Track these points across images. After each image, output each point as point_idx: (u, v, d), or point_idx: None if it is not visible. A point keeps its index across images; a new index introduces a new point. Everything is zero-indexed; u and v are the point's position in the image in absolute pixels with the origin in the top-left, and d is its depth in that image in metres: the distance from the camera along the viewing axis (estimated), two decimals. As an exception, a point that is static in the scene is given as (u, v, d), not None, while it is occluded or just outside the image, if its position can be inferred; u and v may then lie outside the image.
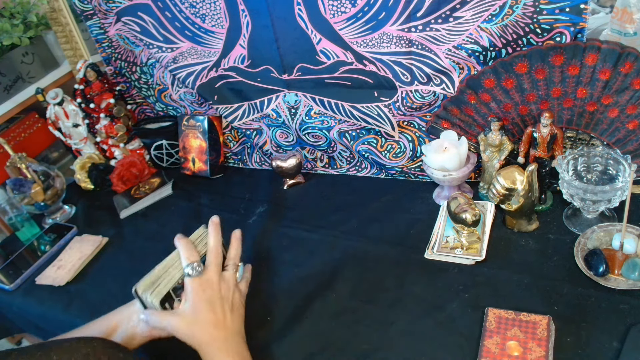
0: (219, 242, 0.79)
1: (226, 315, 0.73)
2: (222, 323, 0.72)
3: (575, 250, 0.81)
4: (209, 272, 0.75)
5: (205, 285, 0.74)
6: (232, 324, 0.74)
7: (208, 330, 0.71)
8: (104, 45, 1.27)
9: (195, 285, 0.73)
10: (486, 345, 0.70)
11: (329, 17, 0.93)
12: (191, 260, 0.75)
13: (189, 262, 0.74)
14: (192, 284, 0.73)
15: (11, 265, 1.12)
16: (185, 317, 0.71)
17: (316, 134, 1.14)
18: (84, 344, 0.63)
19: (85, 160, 1.33)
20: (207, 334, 0.71)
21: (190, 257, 0.75)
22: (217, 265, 0.77)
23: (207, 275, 0.75)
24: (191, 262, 0.74)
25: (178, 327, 0.71)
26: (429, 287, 0.84)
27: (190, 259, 0.75)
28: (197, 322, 0.71)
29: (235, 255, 0.81)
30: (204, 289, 0.73)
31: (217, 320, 0.72)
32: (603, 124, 0.86)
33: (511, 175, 0.83)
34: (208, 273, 0.75)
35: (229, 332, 0.72)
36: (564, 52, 0.81)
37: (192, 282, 0.73)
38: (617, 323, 0.70)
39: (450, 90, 0.94)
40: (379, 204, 1.06)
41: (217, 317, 0.72)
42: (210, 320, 0.72)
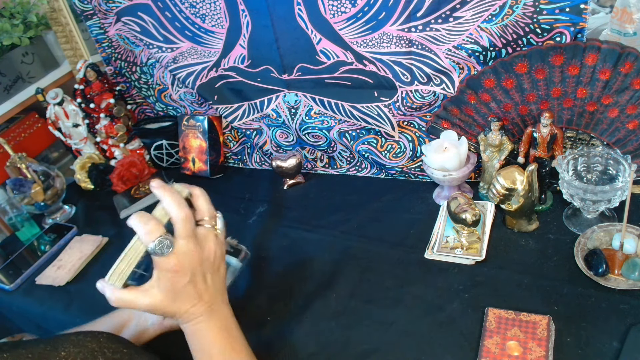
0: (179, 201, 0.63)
1: (207, 284, 0.65)
2: (204, 294, 0.65)
3: (575, 250, 0.81)
4: (182, 242, 0.62)
5: (180, 259, 0.62)
6: (214, 289, 0.66)
7: (187, 307, 0.64)
8: (104, 45, 1.27)
9: (169, 263, 0.61)
10: (486, 345, 0.70)
11: (329, 17, 0.93)
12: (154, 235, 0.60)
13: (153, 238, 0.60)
14: (165, 262, 0.61)
15: (11, 265, 1.12)
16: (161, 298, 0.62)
17: (316, 134, 1.14)
18: (91, 339, 0.63)
19: (85, 160, 1.33)
20: (187, 313, 0.64)
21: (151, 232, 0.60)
22: (187, 230, 0.62)
23: (181, 247, 0.62)
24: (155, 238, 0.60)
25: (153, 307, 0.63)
26: (429, 287, 0.84)
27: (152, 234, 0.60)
28: (175, 301, 0.63)
29: (207, 207, 0.67)
30: (181, 265, 0.62)
31: (198, 294, 0.64)
32: (603, 124, 0.86)
33: (511, 175, 0.83)
34: (180, 244, 0.62)
35: (211, 301, 0.66)
36: (564, 52, 0.81)
37: (164, 261, 0.61)
38: (617, 323, 0.70)
39: (450, 90, 0.94)
40: (379, 204, 1.06)
41: (198, 289, 0.64)
42: (190, 295, 0.63)
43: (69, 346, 0.60)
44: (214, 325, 0.66)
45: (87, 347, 0.61)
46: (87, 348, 0.61)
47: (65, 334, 0.64)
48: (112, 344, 0.64)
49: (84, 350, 0.60)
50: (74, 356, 0.60)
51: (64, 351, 0.59)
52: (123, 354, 0.63)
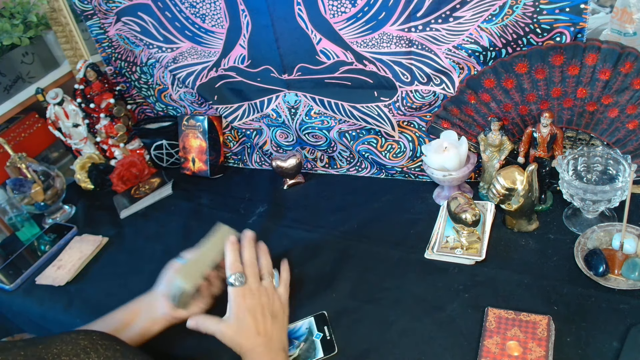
0: (253, 254, 0.82)
1: (267, 322, 0.76)
2: (262, 329, 0.75)
3: (575, 250, 0.81)
4: (249, 281, 0.78)
5: (246, 293, 0.77)
6: (273, 330, 0.76)
7: (250, 337, 0.74)
8: (104, 45, 1.27)
9: (238, 294, 0.76)
10: (486, 345, 0.70)
11: (329, 17, 0.93)
12: (235, 270, 0.78)
13: (233, 272, 0.78)
14: (235, 293, 0.77)
15: (11, 265, 1.12)
16: (230, 326, 0.75)
17: (316, 134, 1.14)
18: (84, 336, 0.65)
19: (85, 160, 1.33)
20: (249, 341, 0.73)
21: (234, 268, 0.78)
22: (254, 275, 0.80)
23: (248, 285, 0.78)
24: (234, 272, 0.78)
25: (223, 334, 0.74)
26: (429, 287, 0.84)
27: (234, 270, 0.78)
28: (240, 330, 0.74)
29: (266, 264, 0.83)
30: (245, 298, 0.76)
31: (257, 327, 0.74)
32: (603, 124, 0.86)
33: (511, 175, 0.83)
34: (248, 282, 0.78)
35: (268, 339, 0.75)
36: (564, 52, 0.81)
37: (235, 291, 0.77)
38: (617, 323, 0.70)
39: (450, 90, 0.94)
40: (379, 204, 1.06)
41: (257, 324, 0.75)
42: (251, 327, 0.74)
43: (62, 344, 0.62)
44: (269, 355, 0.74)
45: (80, 344, 0.63)
46: (80, 345, 0.63)
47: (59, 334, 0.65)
48: (105, 341, 0.66)
49: (77, 347, 0.63)
50: (66, 352, 0.61)
51: (56, 348, 0.61)
52: (116, 350, 0.65)
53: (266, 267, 0.83)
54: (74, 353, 0.62)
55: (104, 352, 0.63)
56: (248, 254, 0.82)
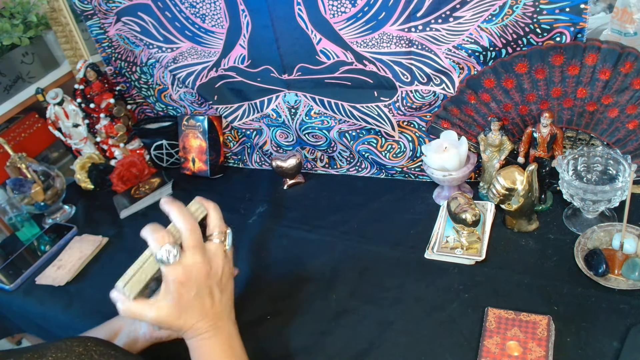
0: (186, 214, 0.65)
1: (214, 300, 0.66)
2: (210, 310, 0.65)
3: (575, 250, 0.81)
4: (188, 253, 0.63)
5: (187, 270, 0.63)
6: (221, 305, 0.67)
7: (193, 322, 0.64)
8: (104, 45, 1.27)
9: (175, 273, 0.62)
10: (486, 345, 0.70)
11: (329, 17, 0.93)
12: (162, 242, 0.62)
13: (160, 245, 0.61)
14: (171, 272, 0.62)
15: (11, 265, 1.12)
16: (168, 312, 0.63)
17: (316, 134, 1.14)
18: (78, 343, 0.63)
19: (85, 160, 1.33)
20: (192, 328, 0.64)
21: (159, 239, 0.62)
22: (196, 241, 0.64)
23: (187, 259, 0.63)
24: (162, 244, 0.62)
25: (160, 321, 0.63)
26: (429, 287, 0.84)
27: (160, 241, 0.62)
28: (181, 315, 0.63)
29: (217, 222, 0.68)
30: (188, 276, 0.63)
31: (204, 309, 0.65)
32: (603, 124, 0.86)
33: (511, 175, 0.83)
34: (187, 255, 0.63)
35: (217, 318, 0.66)
36: (564, 52, 0.81)
37: (171, 270, 0.62)
38: (617, 323, 0.70)
39: (450, 90, 0.94)
40: (379, 204, 1.06)
41: (204, 305, 0.64)
42: (196, 311, 0.64)
43: (56, 351, 0.60)
44: (218, 341, 0.66)
45: (75, 351, 0.61)
46: (75, 352, 0.61)
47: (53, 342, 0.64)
48: (100, 347, 0.63)
49: (71, 354, 0.60)
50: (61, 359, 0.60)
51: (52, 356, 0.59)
52: (110, 356, 0.63)
53: (216, 225, 0.68)
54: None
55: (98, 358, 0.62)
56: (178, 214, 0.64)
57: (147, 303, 0.64)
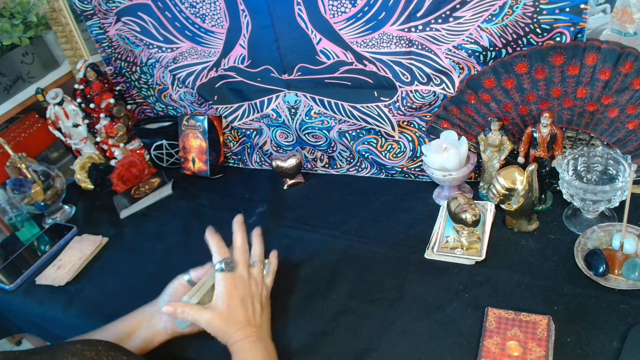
0: (244, 239, 0.80)
1: (256, 312, 0.74)
2: (252, 319, 0.73)
3: (575, 250, 0.81)
4: (240, 268, 0.76)
5: (237, 281, 0.74)
6: (262, 320, 0.75)
7: (240, 326, 0.72)
8: (104, 45, 1.27)
9: (228, 281, 0.74)
10: (486, 345, 0.70)
11: (329, 17, 0.93)
12: (224, 256, 0.75)
13: (222, 257, 0.75)
14: (225, 279, 0.74)
15: (11, 265, 1.12)
16: (219, 313, 0.72)
17: (316, 134, 1.14)
18: (89, 347, 0.63)
19: (85, 160, 1.33)
20: (239, 331, 0.71)
21: (222, 253, 0.76)
22: (245, 262, 0.77)
23: (239, 272, 0.76)
24: (224, 257, 0.75)
25: (211, 322, 0.72)
26: (429, 287, 0.84)
27: (222, 255, 0.76)
28: (230, 318, 0.72)
29: (260, 252, 0.82)
30: (237, 285, 0.74)
31: (248, 317, 0.73)
32: (603, 124, 0.86)
33: (511, 175, 0.83)
34: (239, 269, 0.76)
35: (259, 329, 0.73)
36: (564, 52, 0.81)
37: (225, 277, 0.74)
38: (617, 323, 0.70)
39: (450, 90, 0.94)
40: (379, 204, 1.06)
41: (248, 314, 0.73)
42: (242, 316, 0.72)
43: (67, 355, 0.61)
44: (260, 346, 0.72)
45: (86, 355, 0.61)
46: (86, 357, 0.61)
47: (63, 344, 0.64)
48: (111, 351, 0.65)
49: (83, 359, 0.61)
50: None
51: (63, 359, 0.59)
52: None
53: (258, 255, 0.81)
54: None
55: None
56: (240, 238, 0.79)
57: (202, 307, 0.74)
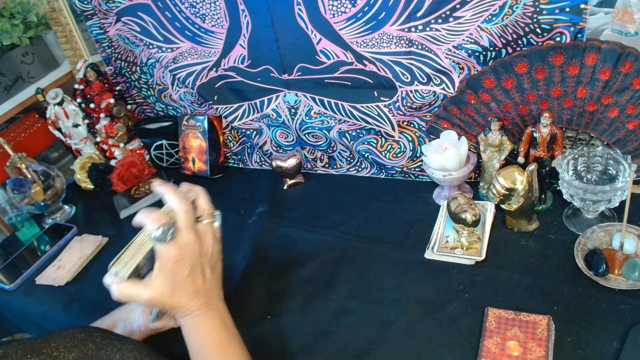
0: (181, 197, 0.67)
1: (206, 278, 0.68)
2: (202, 289, 0.67)
3: (575, 250, 0.81)
4: (183, 232, 0.65)
5: (182, 249, 0.65)
6: (212, 284, 0.69)
7: (188, 299, 0.66)
8: (104, 45, 1.27)
9: (170, 251, 0.64)
10: (486, 345, 0.70)
11: (329, 17, 0.93)
12: (159, 222, 0.63)
13: (157, 224, 0.63)
14: (167, 251, 0.64)
15: (11, 265, 1.12)
16: (163, 291, 0.64)
17: (316, 134, 1.14)
18: (80, 331, 0.65)
19: (85, 160, 1.33)
20: (185, 307, 0.66)
21: (156, 219, 0.63)
22: (190, 222, 0.66)
23: (183, 238, 0.65)
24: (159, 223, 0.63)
25: (154, 301, 0.64)
26: (429, 287, 0.84)
27: (157, 221, 0.63)
28: (174, 294, 0.65)
29: (206, 204, 0.71)
30: (182, 255, 0.64)
31: (196, 288, 0.66)
32: (603, 124, 0.86)
33: (511, 175, 0.83)
34: (182, 234, 0.65)
35: (209, 296, 0.68)
36: (564, 52, 0.81)
37: (167, 249, 0.64)
38: (617, 323, 0.70)
39: (450, 90, 0.94)
40: (379, 204, 1.06)
41: (196, 283, 0.66)
42: (189, 289, 0.66)
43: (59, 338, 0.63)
44: (212, 318, 0.68)
45: (77, 336, 0.64)
46: (77, 337, 0.63)
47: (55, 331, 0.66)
48: (100, 332, 0.67)
49: (74, 339, 0.63)
50: (64, 345, 0.62)
51: (54, 342, 0.62)
52: (112, 339, 0.65)
53: (205, 207, 0.71)
54: (71, 345, 0.62)
55: (100, 342, 0.64)
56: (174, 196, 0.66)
57: (140, 283, 0.65)
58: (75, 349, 0.61)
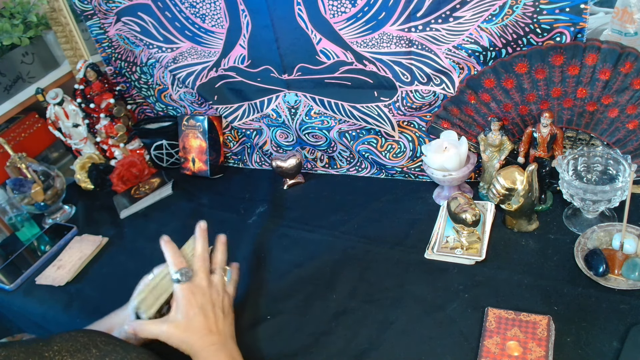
0: (205, 247, 0.80)
1: (218, 320, 0.74)
2: (214, 327, 0.73)
3: (575, 250, 0.81)
4: (198, 277, 0.76)
5: (195, 290, 0.74)
6: (224, 327, 0.74)
7: (201, 335, 0.71)
8: (104, 45, 1.27)
9: (186, 291, 0.74)
10: (486, 345, 0.70)
11: (329, 17, 0.93)
12: (180, 266, 0.75)
13: (178, 268, 0.75)
14: (183, 290, 0.74)
15: (11, 265, 1.12)
16: (178, 325, 0.72)
17: (316, 134, 1.14)
18: (82, 334, 0.66)
19: (85, 160, 1.33)
20: (200, 340, 0.71)
21: (178, 263, 0.76)
22: (205, 270, 0.77)
23: (197, 281, 0.75)
24: (180, 268, 0.75)
25: (171, 335, 0.71)
26: (429, 287, 0.84)
27: (178, 265, 0.75)
28: (190, 328, 0.72)
29: (221, 260, 0.81)
30: (195, 295, 0.74)
31: (209, 325, 0.72)
32: (603, 124, 0.86)
33: (511, 175, 0.83)
34: (197, 278, 0.76)
35: (222, 336, 0.73)
36: (564, 52, 0.81)
37: (183, 288, 0.74)
38: (617, 323, 0.70)
39: (450, 90, 0.94)
40: (379, 204, 1.06)
41: (209, 322, 0.73)
42: (203, 325, 0.72)
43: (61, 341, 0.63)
44: (225, 354, 0.71)
45: (79, 341, 0.64)
46: (80, 342, 0.64)
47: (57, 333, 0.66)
48: (103, 337, 0.67)
49: (76, 343, 0.63)
50: (66, 349, 0.62)
51: (57, 345, 0.62)
52: (115, 345, 0.66)
53: (219, 262, 0.81)
54: (74, 349, 0.62)
55: (104, 347, 0.64)
56: (200, 246, 0.79)
57: (160, 320, 0.73)
58: (78, 354, 0.61)
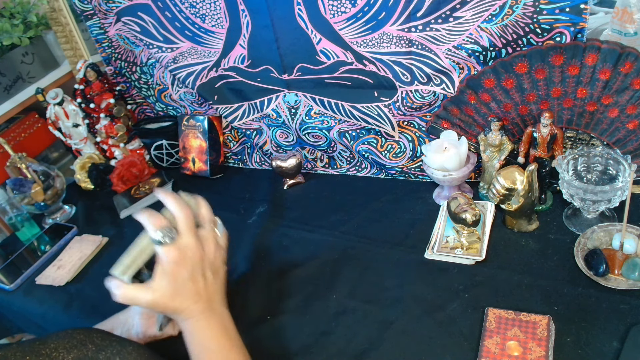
0: (181, 203, 0.68)
1: (208, 282, 0.67)
2: (203, 292, 0.67)
3: (575, 250, 0.81)
4: (184, 235, 0.66)
5: (182, 251, 0.65)
6: (214, 288, 0.69)
7: (189, 304, 0.66)
8: (104, 45, 1.27)
9: (171, 253, 0.64)
10: (486, 345, 0.70)
11: (329, 17, 0.93)
12: (159, 225, 0.64)
13: (158, 226, 0.64)
14: (167, 253, 0.64)
15: (11, 265, 1.12)
16: (164, 293, 0.64)
17: (316, 134, 1.14)
18: (79, 332, 0.65)
19: (85, 160, 1.33)
20: (189, 307, 0.66)
21: (157, 222, 0.64)
22: (189, 226, 0.67)
23: (183, 240, 0.66)
24: (160, 226, 0.64)
25: (156, 303, 0.65)
26: (429, 287, 0.84)
27: (158, 224, 0.64)
28: (177, 297, 0.65)
29: (207, 212, 0.71)
30: (183, 257, 0.65)
31: (198, 291, 0.66)
32: (603, 124, 0.86)
33: (511, 175, 0.83)
34: (183, 237, 0.66)
35: (211, 300, 0.68)
36: (564, 52, 0.81)
37: (167, 250, 0.64)
38: (617, 323, 0.70)
39: (450, 90, 0.94)
40: (379, 204, 1.06)
41: (197, 286, 0.66)
42: (190, 292, 0.66)
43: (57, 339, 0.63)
44: (214, 323, 0.68)
45: (76, 337, 0.63)
46: (76, 338, 0.63)
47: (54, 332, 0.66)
48: (100, 333, 0.66)
49: (73, 340, 0.63)
50: (63, 346, 0.62)
51: (53, 343, 0.62)
52: (112, 340, 0.65)
53: (206, 215, 0.71)
54: (70, 345, 0.62)
55: (100, 343, 0.63)
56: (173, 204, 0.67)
57: (142, 286, 0.65)
58: (74, 350, 0.61)
